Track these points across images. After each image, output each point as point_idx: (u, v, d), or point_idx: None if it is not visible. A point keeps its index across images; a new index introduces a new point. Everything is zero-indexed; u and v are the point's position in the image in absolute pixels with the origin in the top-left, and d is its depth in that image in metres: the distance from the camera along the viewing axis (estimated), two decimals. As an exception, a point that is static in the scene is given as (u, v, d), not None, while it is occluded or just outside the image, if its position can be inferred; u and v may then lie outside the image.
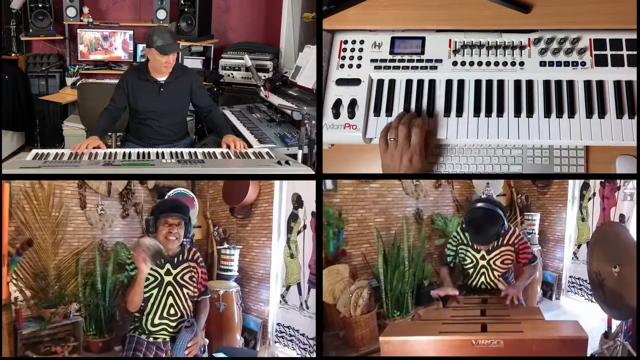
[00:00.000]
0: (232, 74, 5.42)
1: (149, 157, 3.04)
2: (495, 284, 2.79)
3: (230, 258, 4.23)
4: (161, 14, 5.56)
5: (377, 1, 2.54)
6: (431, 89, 2.44)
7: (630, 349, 2.97)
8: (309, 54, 4.27)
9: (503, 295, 2.58)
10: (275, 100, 4.08)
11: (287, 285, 3.96)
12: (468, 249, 2.80)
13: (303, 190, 3.88)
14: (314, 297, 3.67)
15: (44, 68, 5.31)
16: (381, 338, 2.18)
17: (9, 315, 3.37)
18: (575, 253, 4.79)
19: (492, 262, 2.76)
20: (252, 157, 3.10)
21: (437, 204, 4.84)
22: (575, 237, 4.78)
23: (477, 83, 2.42)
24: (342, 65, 2.54)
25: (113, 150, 3.10)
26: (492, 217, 2.62)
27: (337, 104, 2.44)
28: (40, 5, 5.33)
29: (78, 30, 5.61)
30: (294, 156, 3.16)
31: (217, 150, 3.17)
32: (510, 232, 2.76)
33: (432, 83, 2.46)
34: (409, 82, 2.48)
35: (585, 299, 4.56)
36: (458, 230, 2.87)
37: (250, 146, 3.36)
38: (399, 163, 2.24)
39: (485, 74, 2.43)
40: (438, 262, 4.55)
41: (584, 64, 2.38)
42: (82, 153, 2.96)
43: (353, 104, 2.44)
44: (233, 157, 3.09)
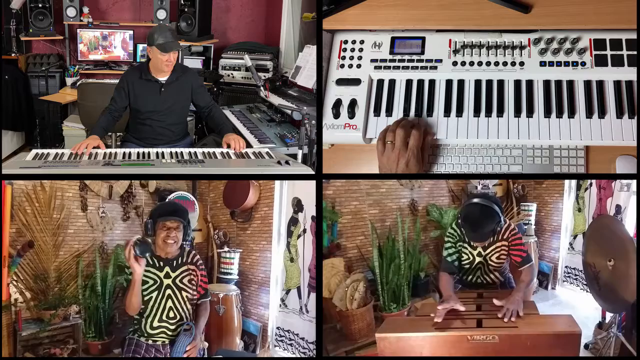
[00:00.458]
0: (232, 74, 5.42)
1: (149, 157, 3.04)
2: (490, 279, 2.77)
3: (231, 261, 4.23)
4: (161, 14, 5.57)
5: (377, 1, 2.54)
6: (431, 89, 2.44)
7: (623, 340, 2.97)
8: (309, 54, 4.27)
9: (501, 315, 2.30)
10: (275, 100, 4.08)
11: (287, 289, 3.95)
12: (465, 245, 2.74)
13: (303, 194, 3.88)
14: (314, 301, 3.66)
15: (44, 68, 5.31)
16: (377, 335, 2.19)
17: (8, 316, 3.37)
18: (571, 243, 4.79)
19: (488, 258, 2.73)
20: (252, 157, 3.10)
21: (432, 195, 4.76)
22: (572, 228, 4.78)
23: (477, 83, 2.43)
24: (342, 65, 2.54)
25: (113, 150, 3.10)
26: (489, 213, 2.55)
27: (337, 104, 2.45)
28: (40, 5, 5.33)
29: (78, 30, 5.62)
30: (294, 156, 3.16)
31: (217, 150, 3.16)
32: (505, 226, 2.69)
33: (432, 83, 2.46)
34: (409, 82, 2.48)
35: (581, 289, 4.56)
36: (454, 227, 2.76)
37: (250, 146, 3.35)
38: (395, 166, 2.24)
39: (485, 74, 2.43)
40: (434, 255, 4.54)
41: (584, 64, 2.38)
42: (82, 153, 2.96)
43: (353, 104, 2.44)
44: (233, 157, 3.09)
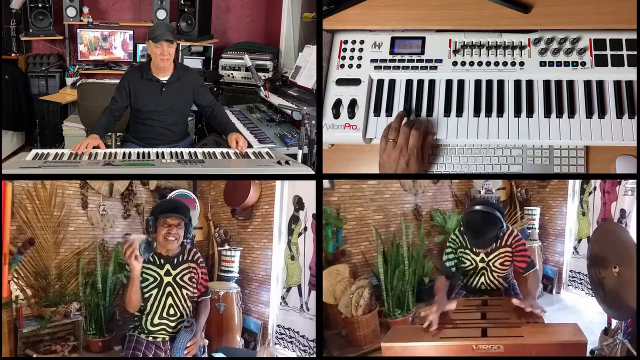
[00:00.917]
0: (232, 74, 5.42)
1: (149, 157, 3.04)
2: (495, 285, 2.78)
3: (231, 259, 4.23)
4: (161, 14, 5.56)
5: (377, 1, 2.54)
6: (431, 89, 2.44)
7: (629, 347, 2.97)
8: (309, 54, 4.27)
9: (529, 310, 2.34)
10: (275, 100, 4.08)
11: (288, 287, 3.96)
12: (467, 251, 2.75)
13: (304, 192, 3.88)
14: (314, 298, 3.67)
15: (43, 68, 5.31)
16: (383, 344, 2.20)
17: (9, 313, 3.38)
18: (575, 247, 4.79)
19: (491, 264, 2.73)
20: (252, 157, 3.10)
21: (435, 200, 4.82)
22: (576, 232, 4.78)
23: (477, 83, 2.43)
24: (342, 65, 2.54)
25: (113, 150, 3.10)
26: (491, 220, 2.56)
27: (337, 104, 2.45)
28: (40, 5, 5.33)
29: (78, 30, 5.62)
30: (294, 156, 3.16)
31: (217, 150, 3.17)
32: (508, 232, 2.71)
33: (432, 83, 2.46)
34: (409, 82, 2.48)
35: (586, 293, 4.56)
36: (456, 233, 2.79)
37: (250, 146, 3.35)
38: (395, 165, 2.24)
39: (485, 74, 2.43)
40: (438, 260, 4.55)
41: (584, 64, 2.38)
42: (82, 153, 2.96)
43: (353, 104, 2.44)
44: (233, 157, 3.09)
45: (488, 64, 2.45)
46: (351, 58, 2.55)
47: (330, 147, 2.53)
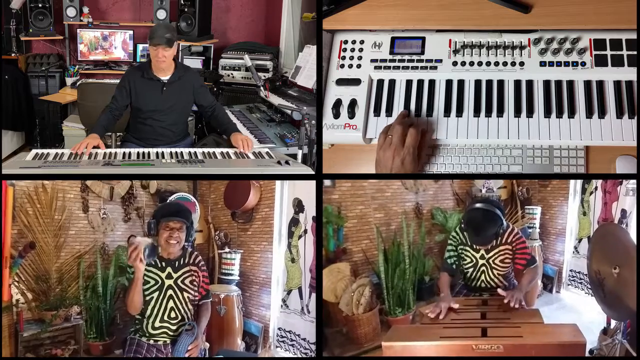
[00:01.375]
0: (232, 74, 5.42)
1: (149, 157, 3.04)
2: (495, 282, 2.79)
3: (232, 262, 4.23)
4: (161, 14, 5.57)
5: (377, 1, 2.54)
6: (431, 89, 2.44)
7: (628, 347, 2.97)
8: (309, 54, 4.27)
9: (506, 301, 2.51)
10: (275, 100, 4.08)
11: (288, 289, 3.95)
12: (467, 248, 2.79)
13: (304, 194, 3.89)
14: (315, 301, 3.67)
15: (43, 68, 5.31)
16: (383, 343, 2.21)
17: (10, 317, 3.37)
18: (576, 247, 4.79)
19: (491, 261, 2.76)
20: (251, 157, 3.10)
21: (436, 198, 4.82)
22: (577, 231, 4.78)
23: (477, 83, 2.42)
24: (342, 65, 2.54)
25: (113, 150, 3.10)
26: (491, 218, 2.61)
27: (337, 104, 2.45)
28: (40, 5, 5.33)
29: (78, 30, 5.62)
30: (294, 156, 3.16)
31: (217, 150, 3.17)
32: (509, 230, 2.75)
33: (432, 83, 2.46)
34: (409, 82, 2.48)
35: (586, 292, 4.56)
36: (457, 230, 2.84)
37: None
38: (390, 162, 2.23)
39: (485, 74, 2.43)
40: (439, 259, 4.56)
41: (584, 64, 2.38)
42: (81, 153, 2.96)
43: (353, 104, 2.44)
44: (233, 157, 3.09)
45: (488, 64, 2.45)
46: (351, 58, 2.55)
47: (330, 147, 2.53)
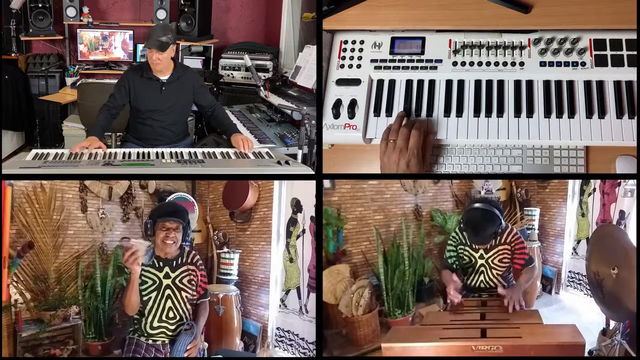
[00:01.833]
0: (232, 74, 5.42)
1: (149, 157, 3.03)
2: (494, 282, 2.79)
3: (230, 262, 4.24)
4: (161, 14, 5.57)
5: (377, 1, 2.54)
6: (431, 89, 2.44)
7: (627, 347, 2.97)
8: (309, 54, 4.27)
9: (506, 302, 2.53)
10: (275, 100, 4.08)
11: (287, 289, 3.96)
12: (466, 248, 2.80)
13: (302, 194, 3.89)
14: (313, 301, 3.67)
15: (43, 68, 5.31)
16: (383, 344, 2.21)
17: (8, 317, 3.37)
18: (574, 248, 4.80)
19: (490, 261, 2.77)
20: (251, 157, 3.10)
21: (436, 200, 4.84)
22: (575, 233, 4.79)
23: (477, 83, 2.42)
24: (342, 65, 2.54)
25: (113, 150, 3.09)
26: (490, 217, 2.62)
27: (337, 104, 2.44)
28: (40, 5, 5.33)
29: (78, 30, 5.62)
30: (294, 156, 3.16)
31: (217, 150, 3.16)
32: (508, 230, 2.76)
33: (432, 83, 2.46)
34: (409, 82, 2.48)
35: (584, 294, 4.56)
36: (457, 231, 2.86)
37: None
38: (396, 166, 2.24)
39: (485, 74, 2.43)
40: (438, 260, 4.57)
41: (584, 64, 2.38)
42: (81, 153, 2.95)
43: (353, 104, 2.44)
44: (233, 157, 3.09)
45: (488, 64, 2.44)
46: (351, 58, 2.55)
47: (330, 147, 2.52)
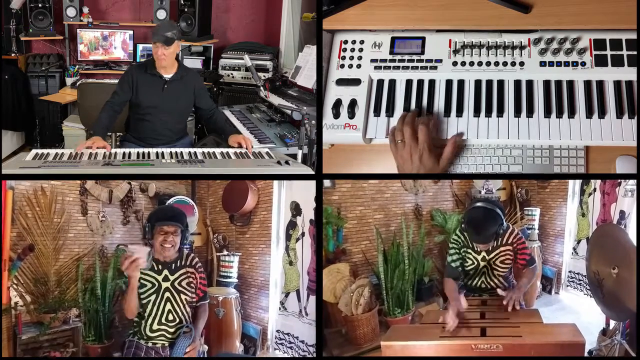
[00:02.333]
0: (232, 74, 5.42)
1: (149, 157, 3.04)
2: (495, 283, 2.79)
3: (230, 265, 4.24)
4: (161, 14, 5.57)
5: (377, 1, 2.54)
6: (431, 89, 2.44)
7: (627, 347, 2.97)
8: (309, 54, 4.27)
9: (505, 302, 2.54)
10: (275, 100, 4.08)
11: (287, 292, 3.96)
12: (469, 250, 2.77)
13: (301, 198, 3.90)
14: (313, 303, 3.68)
15: (43, 68, 5.31)
16: (382, 343, 2.21)
17: (8, 320, 3.36)
18: (574, 248, 4.80)
19: (492, 262, 2.76)
20: (251, 157, 3.10)
21: (436, 199, 4.84)
22: (575, 233, 4.79)
23: (477, 83, 2.42)
24: (342, 65, 2.54)
25: (113, 150, 3.09)
26: (492, 216, 2.60)
27: (337, 104, 2.44)
28: (40, 5, 5.33)
29: (78, 30, 5.62)
30: (294, 156, 3.16)
31: (217, 150, 3.17)
32: (509, 231, 2.75)
33: (432, 83, 2.46)
34: (409, 82, 2.48)
35: (584, 294, 4.56)
36: (457, 233, 2.81)
37: (250, 146, 3.36)
38: (410, 163, 2.25)
39: (485, 74, 2.43)
40: (438, 260, 4.57)
41: (584, 64, 2.38)
42: (81, 153, 2.95)
43: (353, 104, 2.44)
44: (233, 157, 3.09)
45: (488, 64, 2.45)
46: (351, 58, 2.55)
47: (330, 147, 2.53)
